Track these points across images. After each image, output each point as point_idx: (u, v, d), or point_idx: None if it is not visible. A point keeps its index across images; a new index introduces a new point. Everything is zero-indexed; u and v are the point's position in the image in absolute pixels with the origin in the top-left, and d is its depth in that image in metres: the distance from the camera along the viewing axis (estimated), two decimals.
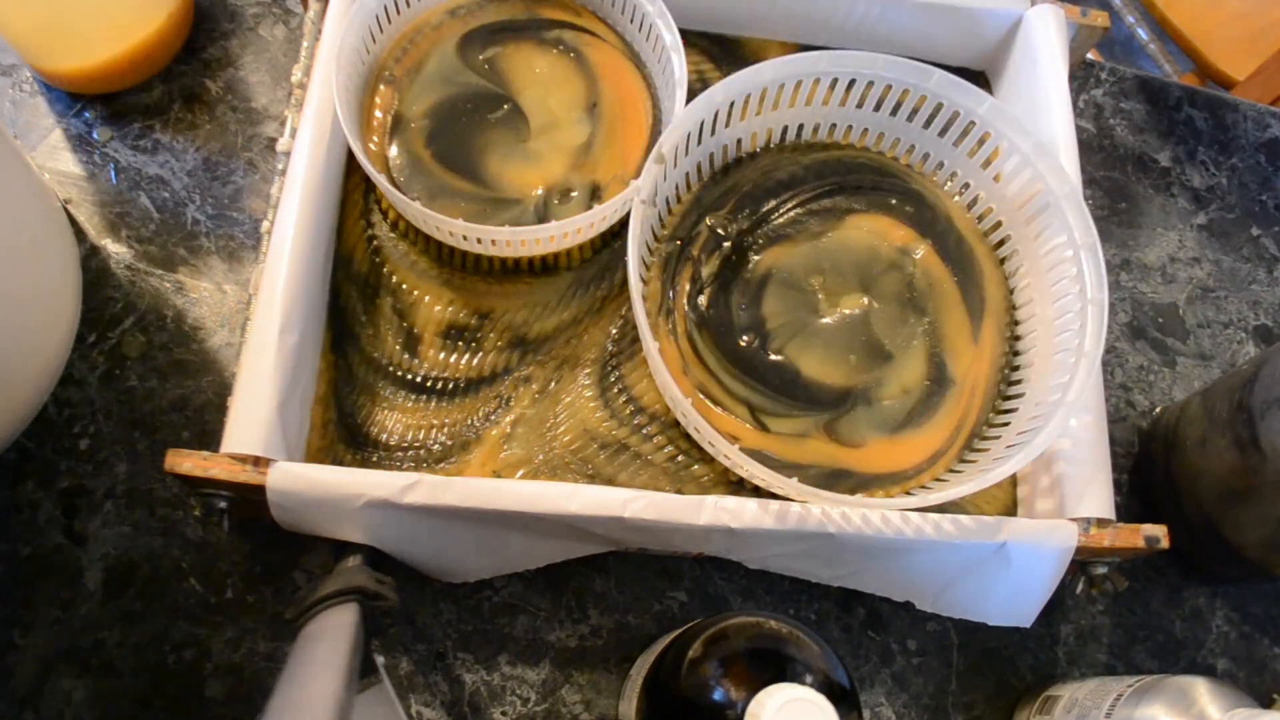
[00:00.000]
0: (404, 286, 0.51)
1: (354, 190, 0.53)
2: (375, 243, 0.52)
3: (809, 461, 0.49)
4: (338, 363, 0.50)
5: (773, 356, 0.50)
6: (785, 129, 0.55)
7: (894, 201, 0.55)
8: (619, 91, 0.55)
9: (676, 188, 0.53)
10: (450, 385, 0.50)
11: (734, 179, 0.54)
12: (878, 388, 0.51)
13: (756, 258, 0.53)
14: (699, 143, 0.52)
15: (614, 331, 0.51)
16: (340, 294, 0.51)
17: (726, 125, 0.53)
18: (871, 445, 0.49)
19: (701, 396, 0.49)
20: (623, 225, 0.52)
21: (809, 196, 0.54)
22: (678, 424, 0.49)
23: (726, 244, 0.52)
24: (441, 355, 0.50)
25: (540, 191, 0.52)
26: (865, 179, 0.55)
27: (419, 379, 0.50)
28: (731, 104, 0.51)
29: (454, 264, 0.52)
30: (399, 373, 0.50)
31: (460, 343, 0.50)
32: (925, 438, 0.50)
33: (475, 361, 0.50)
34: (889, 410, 0.50)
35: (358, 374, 0.49)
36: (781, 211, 0.54)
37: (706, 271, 0.52)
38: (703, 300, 0.51)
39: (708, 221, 0.53)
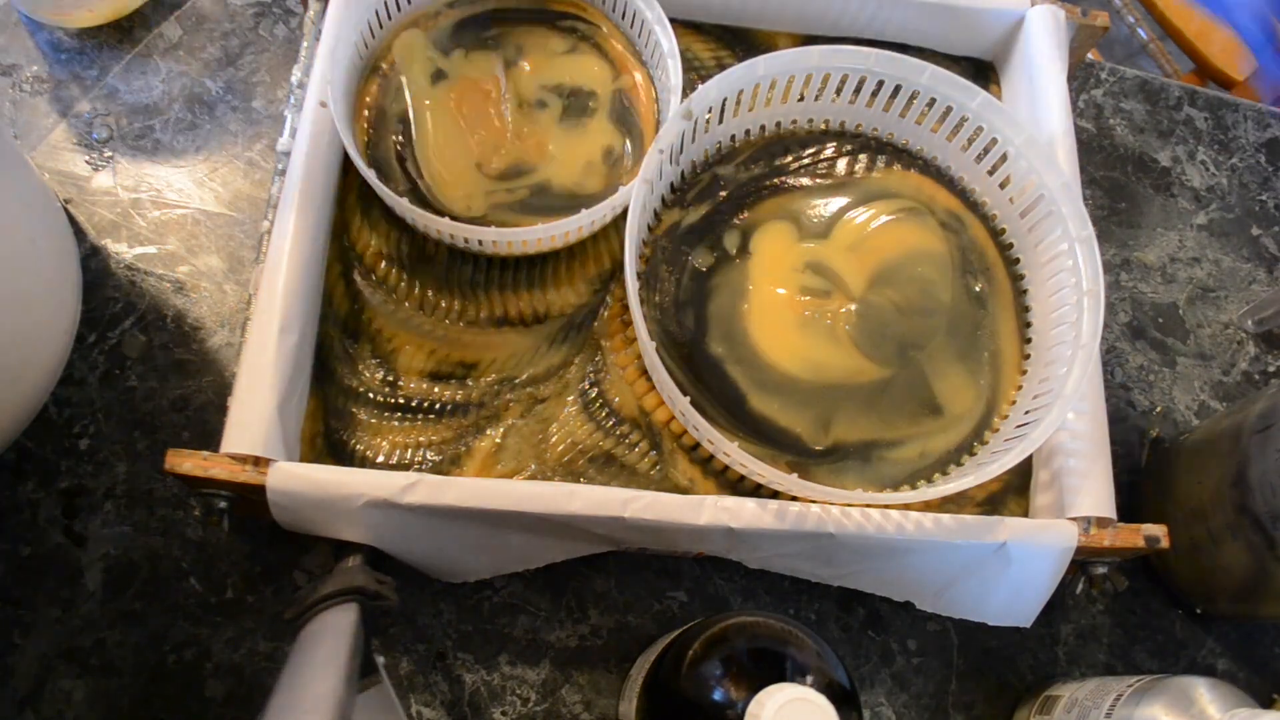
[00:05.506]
0: (383, 334, 0.50)
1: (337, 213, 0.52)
2: (354, 286, 0.50)
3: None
4: (320, 388, 0.49)
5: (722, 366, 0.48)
6: (779, 124, 0.55)
7: (932, 171, 0.54)
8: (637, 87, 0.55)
9: (663, 198, 0.53)
10: (437, 406, 0.49)
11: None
12: (893, 448, 0.48)
13: (748, 212, 0.51)
14: (691, 142, 0.52)
15: (595, 356, 0.51)
16: (318, 330, 0.49)
17: (720, 122, 0.52)
18: (852, 495, 0.45)
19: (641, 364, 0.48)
20: (615, 269, 0.52)
21: (839, 150, 0.53)
22: (652, 426, 0.49)
23: (723, 193, 0.51)
24: (425, 385, 0.49)
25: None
26: (890, 151, 0.55)
27: (402, 401, 0.49)
28: (724, 99, 0.51)
29: (437, 314, 0.50)
30: (380, 398, 0.49)
31: (444, 385, 0.49)
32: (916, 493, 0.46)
33: (460, 395, 0.49)
34: (889, 470, 0.48)
35: (337, 403, 0.48)
36: (801, 159, 0.53)
37: (689, 219, 0.50)
38: (665, 246, 0.50)
39: (716, 171, 0.51)
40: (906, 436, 0.49)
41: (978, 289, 0.52)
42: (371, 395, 0.49)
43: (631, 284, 0.45)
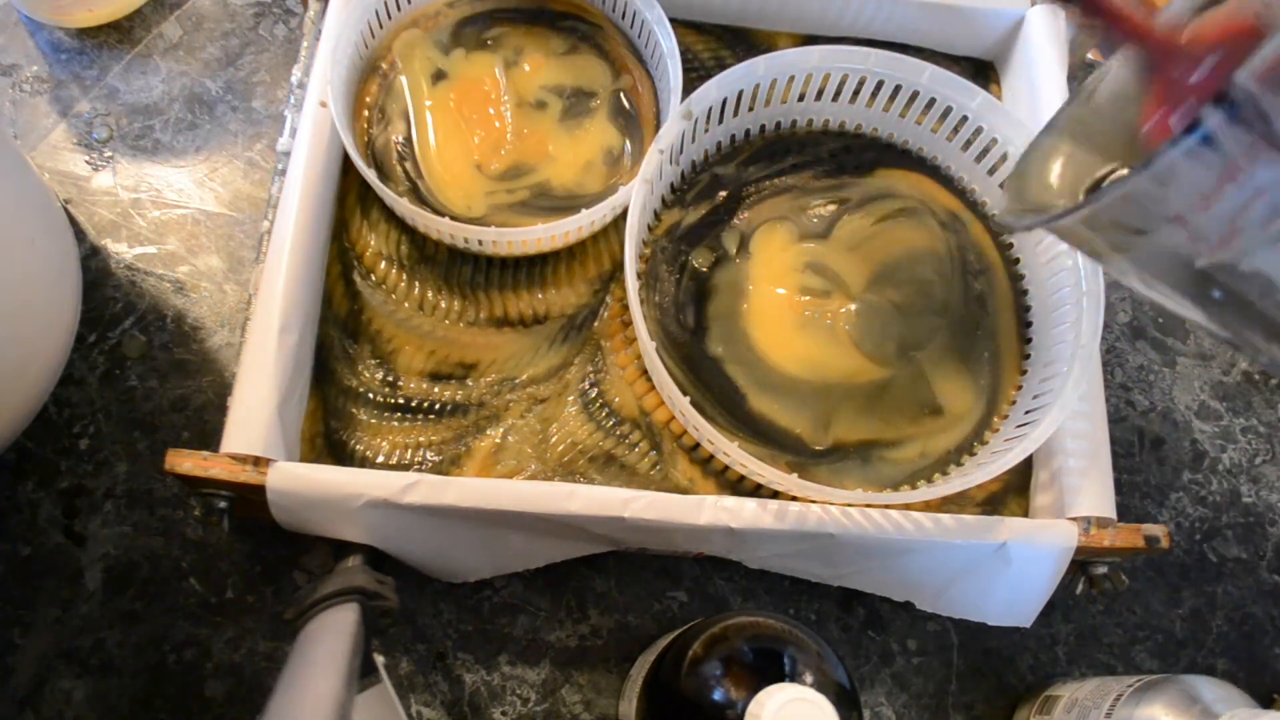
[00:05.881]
0: (383, 334, 0.50)
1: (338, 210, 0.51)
2: (353, 287, 0.50)
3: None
4: (320, 388, 0.49)
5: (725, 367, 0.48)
6: (779, 124, 0.55)
7: (932, 171, 0.54)
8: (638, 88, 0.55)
9: (663, 198, 0.53)
10: (437, 406, 0.49)
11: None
12: (893, 448, 0.48)
13: (747, 212, 0.51)
14: (691, 142, 0.52)
15: (595, 357, 0.51)
16: (317, 330, 0.49)
17: (721, 122, 0.52)
18: (852, 495, 0.45)
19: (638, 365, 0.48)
20: (615, 270, 0.52)
21: (839, 149, 0.53)
22: (652, 426, 0.49)
23: (723, 193, 0.51)
24: (425, 386, 0.49)
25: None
26: (890, 151, 0.55)
27: (402, 401, 0.49)
28: (724, 99, 0.51)
29: (437, 314, 0.50)
30: (379, 399, 0.49)
31: (444, 385, 0.49)
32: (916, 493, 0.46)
33: (460, 395, 0.49)
34: (889, 470, 0.48)
35: (337, 404, 0.48)
36: (801, 158, 0.53)
37: (688, 219, 0.50)
38: (665, 246, 0.50)
39: (715, 171, 0.51)
40: (907, 437, 0.49)
41: (978, 289, 0.52)
42: (371, 395, 0.49)
43: (631, 284, 0.45)
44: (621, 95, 0.54)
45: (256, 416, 0.43)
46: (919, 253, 0.52)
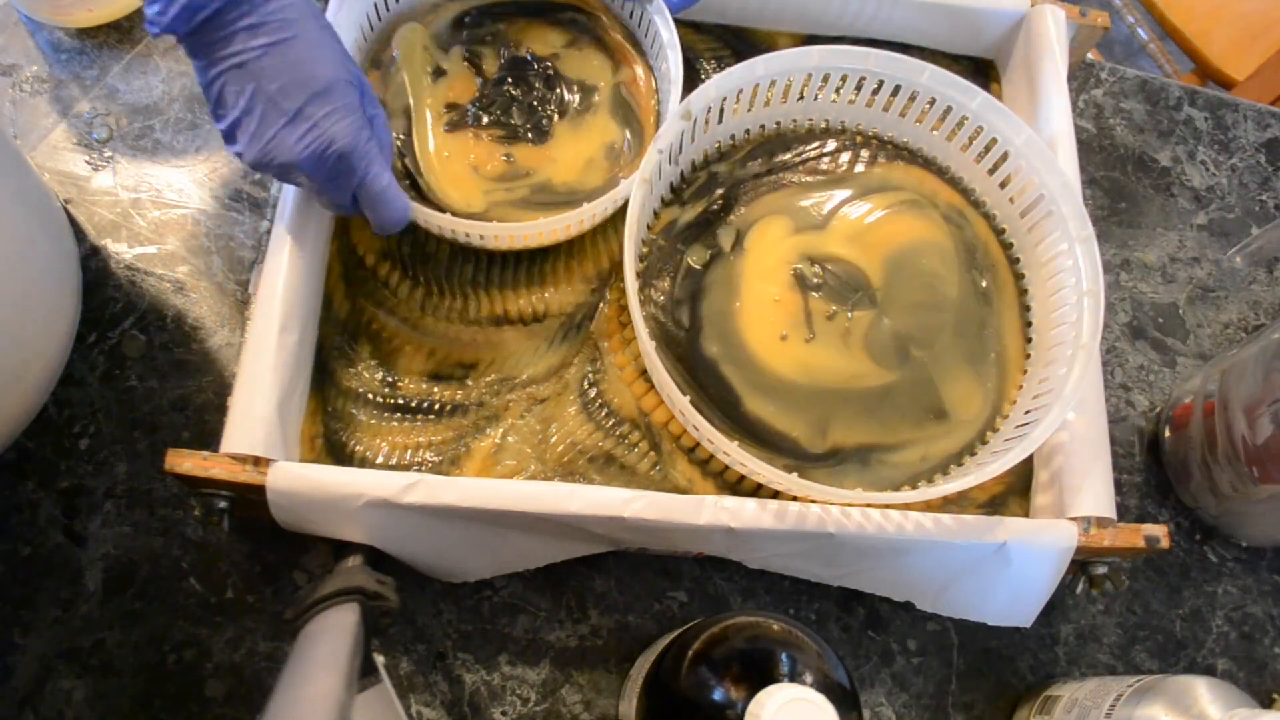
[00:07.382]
0: (383, 334, 0.50)
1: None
2: (353, 286, 0.50)
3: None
4: (319, 389, 0.49)
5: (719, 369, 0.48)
6: (778, 123, 0.55)
7: (933, 167, 0.54)
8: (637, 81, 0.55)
9: (662, 197, 0.53)
10: (436, 406, 0.49)
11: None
12: (893, 452, 0.48)
13: (744, 208, 0.51)
14: (690, 142, 0.52)
15: (594, 357, 0.51)
16: (318, 330, 0.49)
17: (720, 121, 0.52)
18: (852, 495, 0.44)
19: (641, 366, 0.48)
20: (613, 269, 0.52)
21: (838, 146, 0.53)
22: (651, 426, 0.49)
23: (720, 190, 0.50)
24: (424, 386, 0.49)
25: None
26: (890, 148, 0.55)
27: (401, 401, 0.49)
28: (724, 99, 0.51)
29: (438, 313, 0.50)
30: (379, 399, 0.49)
31: (444, 385, 0.49)
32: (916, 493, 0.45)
33: (460, 395, 0.49)
34: (889, 473, 0.48)
35: (337, 404, 0.48)
36: (800, 155, 0.52)
37: (685, 217, 0.50)
38: (661, 243, 0.50)
39: (713, 169, 0.51)
40: (908, 441, 0.48)
41: (984, 285, 0.52)
42: (371, 396, 0.49)
43: (631, 285, 0.45)
44: (621, 88, 0.54)
45: (256, 416, 0.43)
46: (922, 244, 0.52)
